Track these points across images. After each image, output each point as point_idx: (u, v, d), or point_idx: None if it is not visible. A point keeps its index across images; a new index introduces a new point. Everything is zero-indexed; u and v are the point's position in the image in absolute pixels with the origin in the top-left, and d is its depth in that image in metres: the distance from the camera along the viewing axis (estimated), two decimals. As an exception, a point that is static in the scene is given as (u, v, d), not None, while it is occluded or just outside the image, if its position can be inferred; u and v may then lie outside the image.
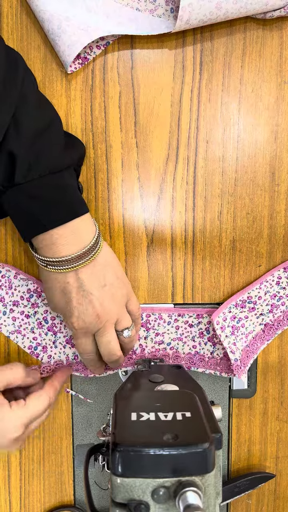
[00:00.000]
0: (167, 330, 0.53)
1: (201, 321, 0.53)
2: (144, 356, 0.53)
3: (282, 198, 0.53)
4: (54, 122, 0.43)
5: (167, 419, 0.33)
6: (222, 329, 0.51)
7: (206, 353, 0.53)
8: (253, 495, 0.57)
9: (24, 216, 0.42)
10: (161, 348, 0.53)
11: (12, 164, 0.40)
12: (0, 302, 0.51)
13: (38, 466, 0.55)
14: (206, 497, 0.30)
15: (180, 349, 0.53)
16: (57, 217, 0.41)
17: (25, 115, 0.40)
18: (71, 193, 0.43)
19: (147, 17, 0.48)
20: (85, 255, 0.42)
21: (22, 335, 0.51)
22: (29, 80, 0.42)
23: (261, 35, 0.50)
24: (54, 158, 0.42)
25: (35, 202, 0.41)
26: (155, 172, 0.51)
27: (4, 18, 0.48)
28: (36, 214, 0.41)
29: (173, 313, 0.53)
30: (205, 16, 0.45)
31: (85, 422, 0.54)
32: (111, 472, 0.30)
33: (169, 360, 0.53)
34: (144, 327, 0.53)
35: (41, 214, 0.41)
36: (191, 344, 0.53)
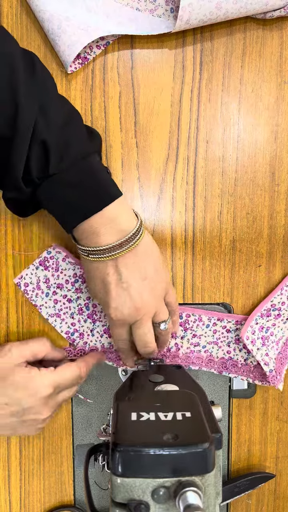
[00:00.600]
0: (205, 333, 0.53)
1: (239, 327, 0.53)
2: (177, 355, 0.53)
3: (282, 198, 0.53)
4: (77, 114, 0.44)
5: (167, 419, 0.33)
6: (252, 343, 0.51)
7: (239, 359, 0.53)
8: (253, 495, 0.57)
9: (62, 206, 0.42)
10: (195, 350, 0.53)
11: (45, 154, 0.40)
12: (44, 284, 0.51)
13: (38, 466, 0.55)
14: (206, 497, 0.30)
15: (214, 353, 0.53)
16: (96, 202, 0.41)
17: (50, 105, 0.40)
18: (103, 177, 0.43)
19: (147, 17, 0.48)
20: (126, 243, 0.42)
21: (61, 319, 0.51)
22: (48, 77, 0.42)
23: (261, 35, 0.50)
24: (81, 145, 0.42)
25: (72, 191, 0.41)
26: (155, 172, 0.51)
27: (4, 18, 0.48)
28: (74, 202, 0.41)
29: (213, 317, 0.53)
30: (205, 16, 0.45)
31: (85, 422, 0.54)
32: (111, 472, 0.30)
33: (202, 363, 0.53)
34: (182, 327, 0.53)
35: (80, 202, 0.41)
36: (226, 349, 0.53)
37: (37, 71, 0.40)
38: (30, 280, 0.51)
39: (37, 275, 0.51)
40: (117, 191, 0.43)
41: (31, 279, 0.51)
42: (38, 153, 0.40)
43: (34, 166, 0.40)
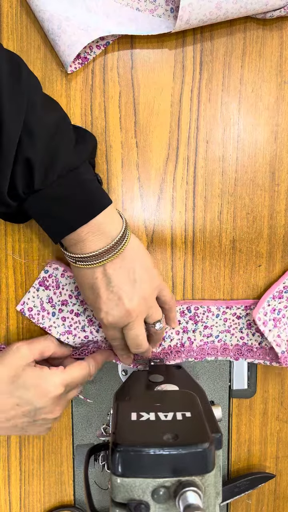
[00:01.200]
0: (216, 323, 0.53)
1: (249, 312, 0.53)
2: (192, 349, 0.53)
3: (282, 198, 0.53)
4: (63, 121, 0.43)
5: (167, 419, 0.33)
6: (264, 324, 0.51)
7: (254, 343, 0.53)
8: (253, 495, 0.57)
9: (49, 219, 0.42)
10: (209, 341, 0.53)
11: (29, 170, 0.40)
12: (48, 303, 0.51)
13: (38, 466, 0.55)
14: (206, 497, 0.30)
15: (228, 341, 0.53)
16: (82, 214, 0.41)
17: (34, 120, 0.39)
18: (91, 187, 0.42)
19: (147, 17, 0.48)
20: (113, 248, 0.42)
21: (73, 335, 0.51)
22: (34, 85, 0.41)
23: (261, 35, 0.50)
24: (68, 156, 0.41)
25: (58, 204, 0.41)
26: (155, 172, 0.51)
27: (4, 18, 0.48)
28: (61, 215, 0.41)
29: (221, 306, 0.53)
30: (205, 16, 0.45)
31: (85, 422, 0.54)
32: (111, 472, 0.30)
33: (217, 353, 0.53)
34: (192, 320, 0.53)
35: (66, 215, 0.41)
36: (239, 335, 0.53)
37: (22, 79, 0.39)
38: (33, 303, 0.51)
39: (39, 296, 0.51)
40: (106, 200, 0.43)
41: (34, 302, 0.51)
42: (23, 171, 0.40)
43: (19, 183, 0.40)
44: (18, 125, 0.38)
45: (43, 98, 0.42)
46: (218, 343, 0.53)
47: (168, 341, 0.53)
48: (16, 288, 0.52)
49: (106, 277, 0.42)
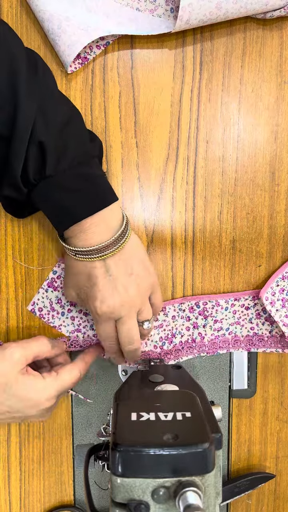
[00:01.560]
0: (225, 316, 0.53)
1: (257, 302, 0.53)
2: (204, 344, 0.53)
3: (282, 198, 0.53)
4: (77, 115, 0.44)
5: (167, 419, 0.33)
6: (272, 304, 0.51)
7: (265, 333, 0.54)
8: (253, 495, 0.57)
9: (56, 208, 0.43)
10: (220, 334, 0.53)
11: (42, 156, 0.40)
12: (57, 304, 0.51)
13: (38, 466, 0.55)
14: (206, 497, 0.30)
15: (238, 333, 0.54)
16: (89, 206, 0.42)
17: (51, 106, 0.40)
18: (100, 182, 0.43)
19: (147, 17, 0.48)
20: (114, 243, 0.43)
21: (82, 333, 0.52)
22: (51, 78, 0.42)
23: (261, 35, 0.50)
24: (81, 149, 0.42)
25: (67, 194, 0.42)
26: (155, 172, 0.51)
27: (4, 18, 0.48)
28: (69, 205, 0.42)
29: (229, 298, 0.53)
30: (205, 16, 0.45)
31: (85, 422, 0.54)
32: (111, 472, 0.30)
33: (228, 346, 0.53)
34: (202, 315, 0.53)
35: (74, 205, 0.42)
36: (249, 326, 0.54)
37: (39, 71, 0.40)
38: (43, 304, 0.52)
39: (48, 297, 0.51)
40: (113, 196, 0.43)
41: (44, 303, 0.51)
42: (35, 154, 0.40)
43: (31, 167, 0.40)
44: (34, 108, 0.39)
45: (58, 91, 0.43)
46: (229, 335, 0.53)
47: (179, 337, 0.53)
48: (16, 288, 0.52)
49: (105, 266, 0.43)
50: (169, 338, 0.53)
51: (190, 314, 0.53)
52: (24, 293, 0.52)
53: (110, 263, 0.43)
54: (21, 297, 0.52)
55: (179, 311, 0.53)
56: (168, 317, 0.53)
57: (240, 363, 0.55)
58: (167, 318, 0.53)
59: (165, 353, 0.53)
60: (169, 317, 0.53)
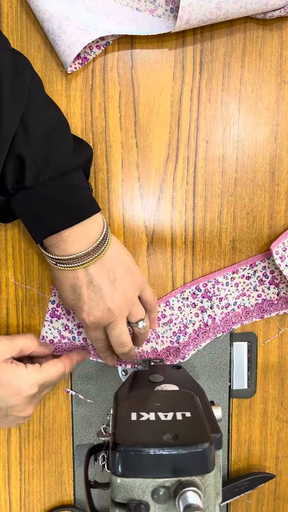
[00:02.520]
0: (228, 291, 0.53)
1: (256, 269, 0.53)
2: (217, 325, 0.53)
3: (282, 198, 0.53)
4: (62, 125, 0.43)
5: (167, 419, 0.33)
6: (281, 259, 0.51)
7: (272, 296, 0.53)
8: (253, 495, 0.57)
9: (34, 218, 0.42)
10: (229, 311, 0.53)
11: (21, 167, 0.40)
12: (66, 331, 0.52)
13: (38, 466, 0.55)
14: (206, 497, 0.30)
15: (247, 303, 0.53)
16: (68, 218, 0.42)
17: (33, 118, 0.40)
18: (81, 194, 0.43)
19: (147, 17, 0.48)
20: (94, 251, 0.42)
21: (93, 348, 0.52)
22: (36, 84, 0.42)
23: (261, 35, 0.50)
24: (62, 160, 0.42)
25: (46, 205, 0.41)
26: (155, 172, 0.51)
27: (4, 18, 0.48)
28: (47, 216, 0.42)
29: (227, 273, 0.53)
30: (205, 16, 0.45)
31: (85, 422, 0.54)
32: (111, 472, 0.30)
33: (241, 319, 0.53)
34: (206, 298, 0.53)
35: (52, 216, 0.41)
36: (255, 294, 0.53)
37: (26, 78, 0.40)
38: (52, 335, 0.52)
39: (55, 327, 0.52)
40: (93, 208, 0.43)
41: (53, 334, 0.52)
42: (14, 166, 0.40)
43: (9, 178, 0.40)
44: (15, 120, 0.39)
45: (44, 98, 0.43)
46: (239, 309, 0.53)
47: (191, 326, 0.53)
48: (16, 288, 0.52)
49: (87, 277, 0.43)
50: (182, 330, 0.53)
51: (194, 300, 0.53)
52: (24, 293, 0.52)
53: (92, 272, 0.43)
54: (21, 297, 0.52)
55: (182, 300, 0.53)
56: (174, 309, 0.53)
57: (240, 363, 0.55)
58: (174, 311, 0.53)
59: (183, 346, 0.53)
60: (175, 309, 0.53)
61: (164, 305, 0.53)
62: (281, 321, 0.55)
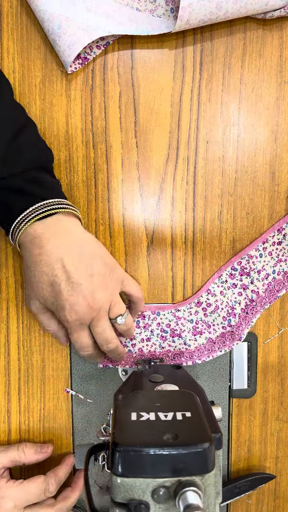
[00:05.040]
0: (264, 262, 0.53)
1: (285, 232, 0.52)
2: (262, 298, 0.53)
3: (282, 198, 0.53)
4: (31, 124, 0.46)
5: (167, 419, 0.33)
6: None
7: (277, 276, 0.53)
8: (253, 495, 0.57)
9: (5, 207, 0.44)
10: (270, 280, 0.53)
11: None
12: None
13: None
14: (206, 497, 0.30)
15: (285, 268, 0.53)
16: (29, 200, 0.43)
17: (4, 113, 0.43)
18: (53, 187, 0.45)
19: (147, 17, 0.48)
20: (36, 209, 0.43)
21: None
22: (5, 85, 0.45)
23: (261, 35, 0.50)
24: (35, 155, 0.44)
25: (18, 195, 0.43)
26: (155, 172, 0.51)
27: (4, 18, 0.48)
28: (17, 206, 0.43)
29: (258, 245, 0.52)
30: (205, 16, 0.45)
31: (85, 422, 0.54)
32: (111, 472, 0.30)
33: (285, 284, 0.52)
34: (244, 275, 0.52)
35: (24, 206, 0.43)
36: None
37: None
38: None
39: None
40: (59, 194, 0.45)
41: None
42: None
43: None
44: None
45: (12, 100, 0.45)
46: (279, 275, 0.53)
47: (238, 307, 0.53)
48: (16, 288, 0.52)
49: (65, 273, 0.43)
50: (231, 313, 0.53)
51: (233, 281, 0.53)
52: (24, 293, 0.52)
53: (70, 269, 0.43)
54: (21, 297, 0.52)
55: (222, 284, 0.53)
56: (217, 295, 0.53)
57: (240, 363, 0.55)
58: (217, 296, 0.53)
59: (236, 327, 0.52)
60: (217, 295, 0.53)
61: (206, 294, 0.53)
62: (281, 321, 0.55)
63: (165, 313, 0.53)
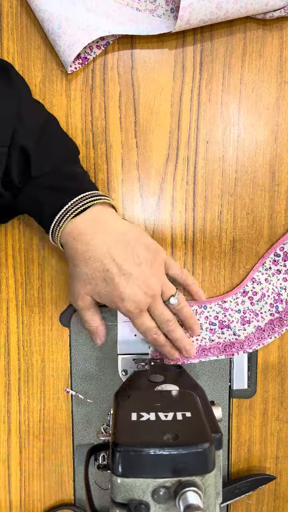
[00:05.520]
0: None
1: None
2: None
3: (282, 198, 0.53)
4: (52, 118, 0.46)
5: (167, 419, 0.33)
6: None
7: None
8: (253, 495, 0.57)
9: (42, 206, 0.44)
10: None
11: (25, 159, 0.42)
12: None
13: (38, 466, 0.55)
14: (206, 497, 0.30)
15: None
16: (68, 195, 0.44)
17: (28, 110, 0.42)
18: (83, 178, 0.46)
19: (147, 17, 0.48)
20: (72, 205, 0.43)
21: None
22: (23, 83, 0.45)
23: (261, 35, 0.50)
24: (63, 149, 0.45)
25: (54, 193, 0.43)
26: (155, 172, 0.51)
27: (4, 18, 0.48)
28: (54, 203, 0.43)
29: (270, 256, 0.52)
30: (205, 16, 0.45)
31: (85, 422, 0.54)
32: (111, 472, 0.30)
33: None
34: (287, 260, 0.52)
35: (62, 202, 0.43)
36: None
37: (13, 79, 0.42)
38: None
39: None
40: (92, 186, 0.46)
41: None
42: (17, 158, 0.42)
43: (15, 170, 0.42)
44: (11, 112, 0.41)
45: (31, 96, 0.45)
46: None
47: (284, 292, 0.53)
48: (16, 288, 0.52)
49: (116, 266, 0.44)
50: (278, 299, 0.53)
51: (277, 267, 0.53)
52: (24, 293, 0.52)
53: (119, 261, 0.44)
54: (21, 297, 0.52)
55: (266, 271, 0.53)
56: (262, 282, 0.53)
57: (240, 363, 0.55)
58: (262, 284, 0.53)
59: (285, 313, 0.52)
60: (263, 282, 0.53)
61: (252, 283, 0.53)
62: (281, 321, 0.55)
63: (212, 306, 0.53)
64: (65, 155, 0.45)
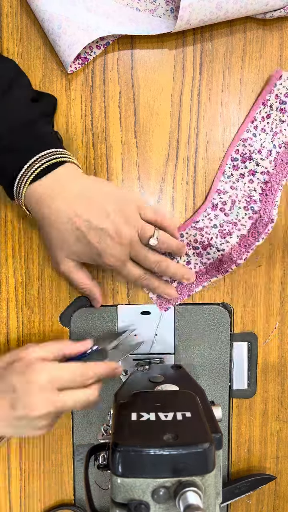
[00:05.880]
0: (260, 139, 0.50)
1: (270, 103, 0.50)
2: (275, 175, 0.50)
3: (282, 198, 0.53)
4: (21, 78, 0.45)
5: (167, 419, 0.33)
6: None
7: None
8: (253, 495, 0.57)
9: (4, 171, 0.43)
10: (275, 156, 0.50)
11: None
12: None
13: (38, 466, 0.55)
14: (206, 497, 0.30)
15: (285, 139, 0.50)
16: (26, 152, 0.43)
17: None
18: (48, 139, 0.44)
19: (147, 17, 0.48)
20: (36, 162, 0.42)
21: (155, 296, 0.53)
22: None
23: (261, 35, 0.50)
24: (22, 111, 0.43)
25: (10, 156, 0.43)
26: (155, 172, 0.51)
27: (4, 18, 0.48)
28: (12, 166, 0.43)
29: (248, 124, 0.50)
30: (205, 16, 0.45)
31: (85, 422, 0.54)
32: (111, 472, 0.30)
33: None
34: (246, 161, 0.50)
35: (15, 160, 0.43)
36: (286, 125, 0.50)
37: None
38: None
39: None
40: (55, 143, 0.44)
41: None
42: None
43: None
44: None
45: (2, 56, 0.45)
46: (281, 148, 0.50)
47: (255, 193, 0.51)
48: (16, 288, 0.52)
49: (85, 223, 0.43)
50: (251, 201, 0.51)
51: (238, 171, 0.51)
52: (24, 293, 0.52)
53: (87, 217, 0.43)
54: (21, 297, 0.52)
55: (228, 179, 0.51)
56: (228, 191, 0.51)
57: (240, 363, 0.55)
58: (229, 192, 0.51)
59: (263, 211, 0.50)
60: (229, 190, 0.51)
61: (218, 195, 0.51)
62: (281, 321, 0.54)
63: (187, 231, 0.51)
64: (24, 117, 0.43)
